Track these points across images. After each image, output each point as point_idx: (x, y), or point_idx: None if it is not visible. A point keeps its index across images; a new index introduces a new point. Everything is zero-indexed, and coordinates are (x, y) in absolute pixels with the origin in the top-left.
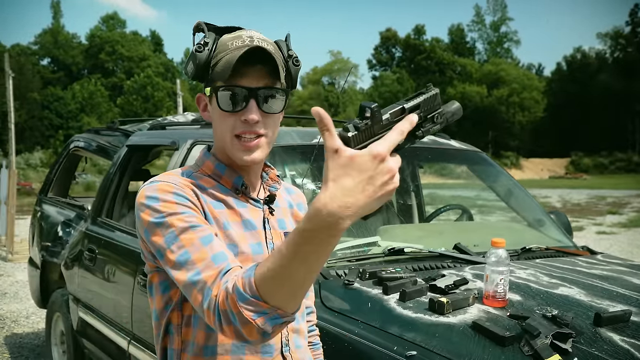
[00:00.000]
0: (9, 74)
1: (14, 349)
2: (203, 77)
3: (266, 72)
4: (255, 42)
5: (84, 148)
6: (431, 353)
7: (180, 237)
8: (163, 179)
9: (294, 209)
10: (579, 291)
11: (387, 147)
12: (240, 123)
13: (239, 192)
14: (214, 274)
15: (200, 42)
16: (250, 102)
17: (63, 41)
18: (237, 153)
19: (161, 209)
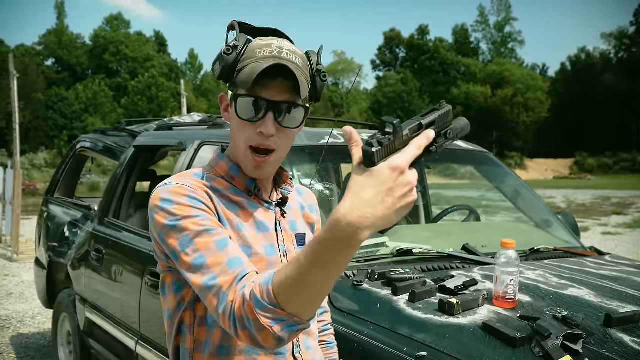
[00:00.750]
0: (14, 74)
1: (20, 349)
2: (228, 78)
3: (288, 86)
4: (283, 53)
5: (90, 148)
6: (441, 354)
7: (195, 241)
8: (177, 181)
9: (305, 210)
10: (588, 292)
11: (406, 160)
12: (256, 135)
13: (251, 194)
14: (229, 279)
15: (230, 44)
16: (268, 115)
17: (67, 42)
18: (247, 165)
19: (175, 211)
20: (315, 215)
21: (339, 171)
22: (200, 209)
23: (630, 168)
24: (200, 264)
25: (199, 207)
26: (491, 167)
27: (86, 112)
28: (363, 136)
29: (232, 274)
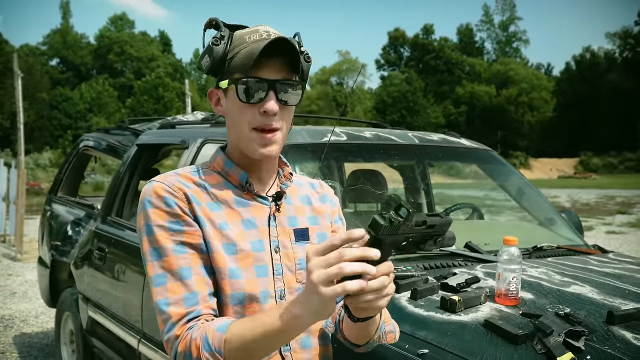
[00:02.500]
0: (18, 74)
1: (23, 348)
2: (218, 71)
3: (285, 64)
4: (272, 35)
5: (93, 147)
6: (443, 351)
7: (163, 259)
8: (160, 180)
9: (314, 204)
10: (591, 289)
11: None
12: (259, 115)
13: (244, 189)
14: (180, 314)
15: (217, 35)
16: (270, 93)
17: (72, 41)
18: (253, 146)
19: (152, 216)
20: (327, 207)
21: (342, 169)
22: (175, 215)
23: (635, 167)
24: (160, 283)
25: (173, 211)
26: (495, 165)
27: (90, 112)
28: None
29: (185, 310)
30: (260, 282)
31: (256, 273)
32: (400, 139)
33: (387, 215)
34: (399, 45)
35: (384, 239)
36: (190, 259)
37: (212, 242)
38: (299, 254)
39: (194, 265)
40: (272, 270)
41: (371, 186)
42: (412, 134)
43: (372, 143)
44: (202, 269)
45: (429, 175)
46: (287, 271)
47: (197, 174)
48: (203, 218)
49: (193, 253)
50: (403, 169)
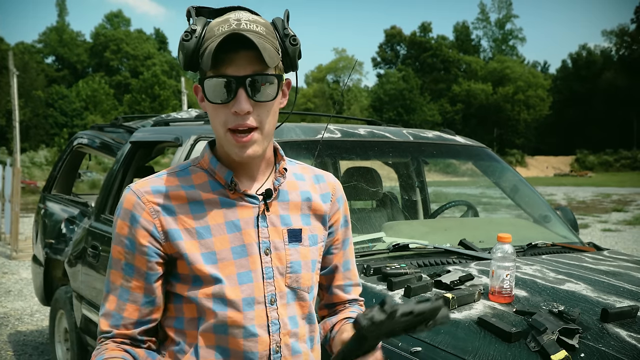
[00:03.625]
0: (13, 72)
1: (18, 346)
2: (194, 66)
3: (255, 57)
4: (242, 24)
5: (87, 145)
6: (436, 349)
7: (112, 270)
8: (136, 187)
9: (313, 201)
10: (585, 287)
11: None
12: (232, 116)
13: (230, 188)
14: (102, 328)
15: (188, 29)
16: (239, 92)
17: (68, 39)
18: (232, 149)
19: (118, 227)
20: (327, 206)
21: (336, 166)
22: (133, 234)
23: (630, 165)
24: (106, 289)
25: (133, 231)
26: (489, 163)
27: (86, 110)
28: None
29: (107, 327)
30: (243, 289)
31: (238, 280)
32: (394, 136)
33: (368, 316)
34: (396, 43)
35: (367, 335)
36: (132, 284)
37: (191, 253)
38: (291, 256)
39: (133, 291)
40: (262, 274)
41: (366, 184)
42: (407, 131)
43: (366, 140)
44: (140, 297)
45: (424, 172)
46: (277, 274)
47: (183, 173)
48: (179, 230)
49: (136, 279)
50: (398, 167)
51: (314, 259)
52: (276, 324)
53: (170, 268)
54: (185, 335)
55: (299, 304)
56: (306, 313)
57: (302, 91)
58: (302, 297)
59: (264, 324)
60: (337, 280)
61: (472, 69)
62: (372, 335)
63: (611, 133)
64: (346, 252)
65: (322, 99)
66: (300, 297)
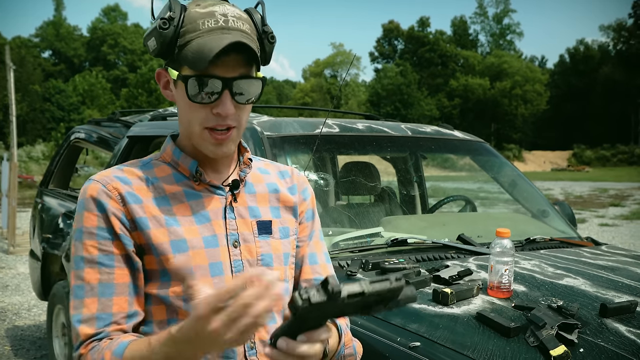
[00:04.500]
0: (10, 66)
1: (15, 341)
2: (167, 55)
3: (243, 60)
4: (230, 22)
5: (84, 139)
6: (435, 344)
7: (85, 269)
8: (97, 178)
9: (281, 193)
10: (584, 282)
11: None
12: (212, 116)
13: (195, 179)
14: (88, 334)
15: (165, 17)
16: (224, 94)
17: (64, 33)
18: (206, 146)
19: (84, 220)
20: (295, 198)
21: (334, 161)
22: (105, 219)
23: (628, 160)
24: (77, 295)
25: (104, 216)
26: (488, 157)
27: (83, 104)
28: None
29: (94, 330)
30: (216, 282)
31: (210, 272)
32: (392, 131)
33: (305, 295)
34: (393, 37)
35: (305, 316)
36: (115, 274)
37: (159, 243)
38: (261, 248)
39: (117, 282)
40: (230, 267)
41: (364, 178)
42: (405, 126)
43: (364, 135)
44: (126, 287)
45: (421, 167)
46: (247, 267)
47: (145, 167)
48: (146, 218)
49: (119, 268)
50: (396, 161)
51: (286, 252)
52: None
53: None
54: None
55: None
56: (281, 308)
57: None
58: None
59: None
60: (305, 274)
61: (470, 64)
62: (311, 317)
63: (609, 128)
64: (311, 244)
65: (320, 93)
66: None
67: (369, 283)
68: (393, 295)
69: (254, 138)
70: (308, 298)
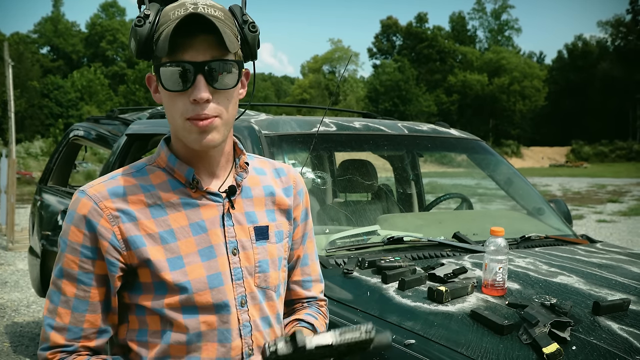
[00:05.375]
0: (9, 62)
1: (15, 337)
2: (148, 54)
3: (214, 42)
4: (199, 9)
5: (83, 137)
6: (429, 342)
7: (63, 281)
8: (91, 192)
9: (276, 196)
10: (578, 280)
11: None
12: (191, 105)
13: (192, 186)
14: (57, 343)
15: (140, 14)
16: (198, 79)
17: (63, 29)
18: (190, 136)
19: (70, 233)
20: (290, 200)
21: (332, 159)
22: (90, 239)
23: (626, 156)
24: (53, 301)
25: (91, 236)
26: (484, 155)
27: (82, 100)
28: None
29: (63, 341)
30: (214, 294)
31: (208, 284)
32: (389, 130)
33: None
34: (392, 33)
35: None
36: (91, 293)
37: (155, 260)
38: (259, 254)
39: (92, 300)
40: (230, 275)
41: (361, 176)
42: (402, 124)
43: (361, 133)
44: (100, 305)
45: (418, 165)
46: (247, 275)
47: (139, 173)
48: (141, 236)
49: (96, 287)
50: (393, 159)
51: (280, 256)
52: (247, 326)
53: (130, 278)
54: (149, 347)
55: (269, 304)
56: (275, 313)
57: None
58: (270, 296)
59: (235, 328)
60: (295, 276)
61: (468, 60)
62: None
63: (607, 124)
64: (305, 246)
65: (318, 89)
66: (268, 296)
67: (339, 334)
68: (363, 346)
69: (252, 136)
70: (275, 350)
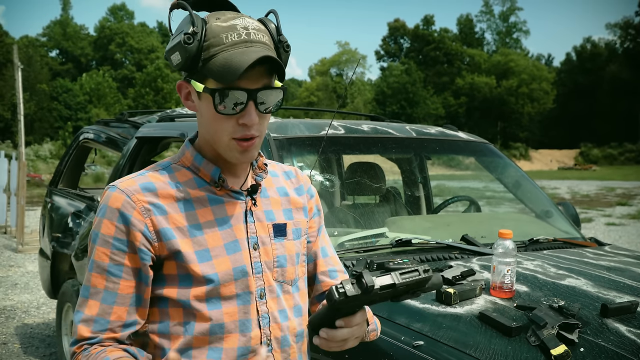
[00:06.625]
0: (18, 65)
1: (25, 339)
2: (192, 68)
3: (265, 70)
4: (252, 35)
5: (93, 140)
6: (438, 343)
7: (94, 274)
8: (123, 187)
9: (290, 196)
10: (586, 282)
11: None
12: (239, 126)
13: (217, 185)
14: (84, 335)
15: (189, 32)
16: (249, 104)
17: (71, 33)
18: (232, 154)
19: (102, 226)
20: (303, 199)
21: (340, 162)
22: (123, 231)
23: (635, 159)
24: (84, 295)
25: (123, 228)
26: (492, 158)
27: (90, 103)
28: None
29: (89, 333)
30: (238, 285)
31: (234, 275)
32: (397, 132)
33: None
34: (399, 36)
35: (340, 307)
36: (120, 285)
37: (185, 252)
38: (277, 250)
39: (121, 293)
40: (251, 268)
41: (369, 179)
42: (410, 127)
43: (369, 136)
44: (129, 298)
45: (426, 167)
46: (266, 269)
47: (166, 171)
48: (170, 229)
49: (126, 280)
50: (401, 162)
51: (297, 252)
52: (266, 318)
53: (154, 270)
54: (171, 339)
55: (286, 297)
56: (292, 306)
57: (305, 84)
58: (287, 290)
59: (255, 318)
60: (320, 267)
61: (476, 62)
62: (346, 307)
63: (616, 126)
64: (321, 238)
65: (326, 92)
66: (285, 290)
67: (399, 274)
68: (420, 285)
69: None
70: (345, 292)
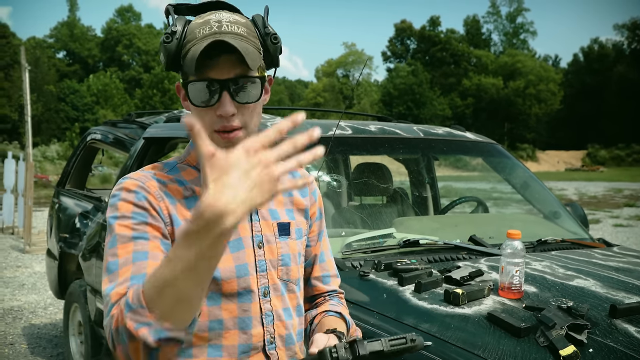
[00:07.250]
0: (25, 66)
1: (32, 339)
2: (177, 67)
3: (237, 60)
4: (223, 27)
5: (100, 140)
6: (446, 344)
7: (119, 246)
8: (133, 176)
9: (294, 197)
10: (594, 283)
11: (258, 141)
12: (217, 118)
13: None
14: (120, 293)
15: (168, 31)
16: (223, 95)
17: (79, 34)
18: (219, 147)
19: (119, 207)
20: (306, 200)
21: (347, 162)
22: (142, 207)
23: None
24: (111, 270)
25: (142, 204)
26: (500, 159)
27: (97, 104)
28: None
29: (126, 290)
30: (239, 283)
31: (236, 272)
32: (405, 133)
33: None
34: (406, 37)
35: None
36: (150, 245)
37: None
38: (281, 249)
39: (152, 251)
40: (255, 267)
41: (376, 179)
42: (417, 128)
43: (376, 137)
44: (160, 256)
45: (434, 168)
46: (270, 267)
47: (173, 169)
48: (178, 217)
49: (153, 241)
50: (408, 163)
51: (299, 252)
52: (270, 316)
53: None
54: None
55: (290, 296)
56: (296, 305)
57: (312, 85)
58: (291, 289)
59: (257, 316)
60: (315, 272)
61: (483, 63)
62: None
63: (623, 127)
64: (321, 243)
65: (332, 93)
66: (290, 289)
67: (388, 341)
68: (406, 351)
69: None
70: (337, 357)
